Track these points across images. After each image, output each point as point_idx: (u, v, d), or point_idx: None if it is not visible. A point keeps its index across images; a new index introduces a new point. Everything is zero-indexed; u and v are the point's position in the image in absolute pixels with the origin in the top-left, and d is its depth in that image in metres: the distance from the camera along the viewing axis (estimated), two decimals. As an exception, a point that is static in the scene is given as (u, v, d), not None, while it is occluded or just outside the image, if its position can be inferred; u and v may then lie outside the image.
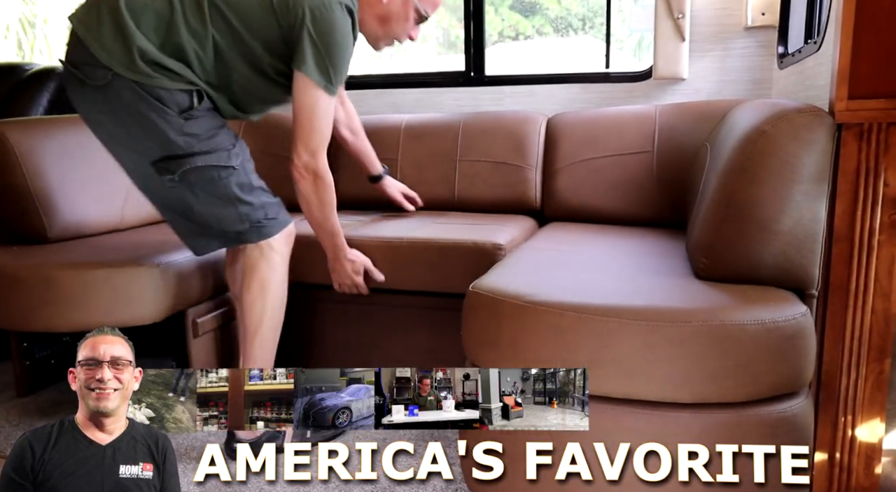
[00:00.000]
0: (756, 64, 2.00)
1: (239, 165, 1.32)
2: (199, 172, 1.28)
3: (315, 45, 1.28)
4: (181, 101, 1.26)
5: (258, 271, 1.36)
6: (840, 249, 1.11)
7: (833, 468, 1.14)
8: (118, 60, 1.24)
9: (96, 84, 1.26)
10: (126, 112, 1.26)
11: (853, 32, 1.07)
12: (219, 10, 1.27)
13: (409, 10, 1.42)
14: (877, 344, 1.11)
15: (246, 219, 1.33)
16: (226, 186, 1.30)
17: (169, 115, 1.25)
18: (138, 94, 1.24)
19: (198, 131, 1.27)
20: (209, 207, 1.31)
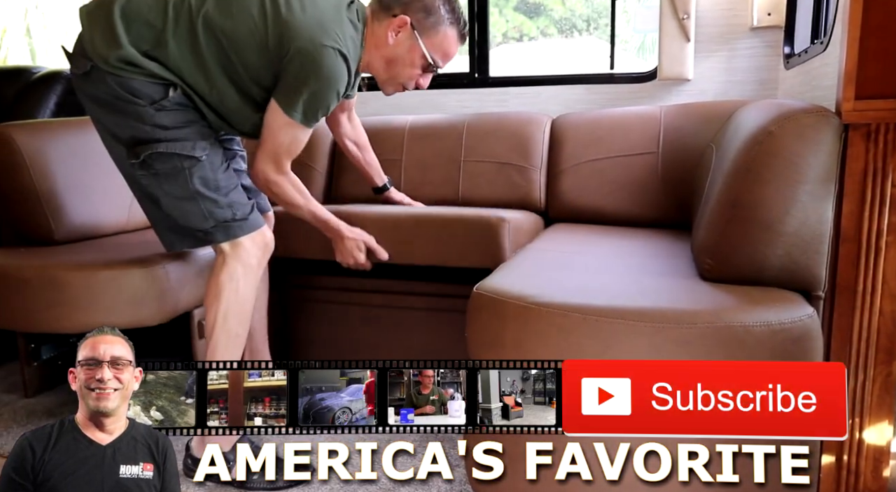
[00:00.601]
0: (762, 64, 1.99)
1: (205, 158, 1.31)
2: (161, 159, 1.28)
3: (293, 80, 1.28)
4: (154, 92, 1.28)
5: (215, 277, 1.34)
6: (847, 250, 1.10)
7: (841, 471, 1.13)
8: (98, 54, 1.27)
9: (78, 72, 1.30)
10: (102, 99, 1.29)
11: (860, 32, 1.06)
12: (214, 35, 1.28)
13: (415, 57, 1.38)
14: (884, 346, 1.11)
15: (210, 217, 1.31)
16: (187, 179, 1.29)
17: (140, 104, 1.27)
18: (111, 87, 1.27)
19: (166, 123, 1.28)
20: (173, 201, 1.31)
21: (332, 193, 2.17)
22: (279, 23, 1.26)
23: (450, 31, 1.39)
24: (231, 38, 1.27)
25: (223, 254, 1.34)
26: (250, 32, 1.27)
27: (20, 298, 1.47)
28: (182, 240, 1.37)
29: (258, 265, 1.37)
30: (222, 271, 1.33)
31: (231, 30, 1.27)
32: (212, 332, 1.33)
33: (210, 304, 1.34)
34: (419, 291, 1.69)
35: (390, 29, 1.36)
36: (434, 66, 1.41)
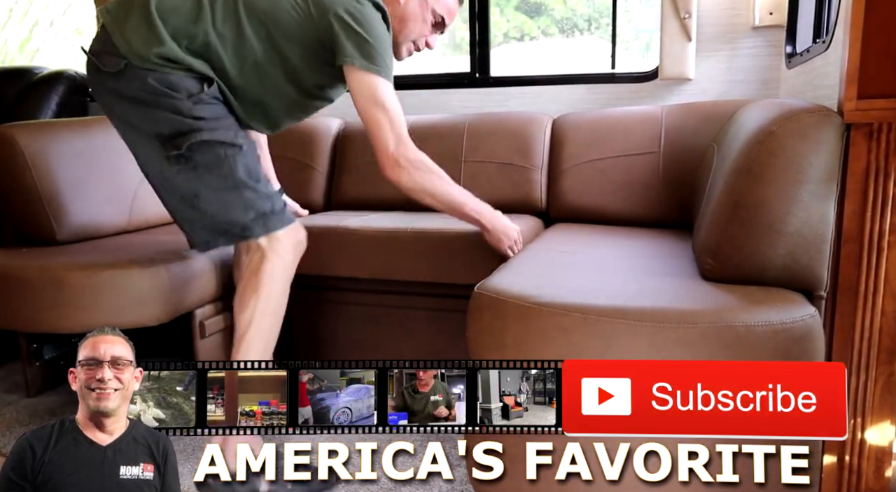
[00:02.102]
0: (764, 64, 1.99)
1: (246, 146, 1.30)
2: (205, 148, 1.26)
3: (356, 35, 1.27)
4: (191, 86, 1.27)
5: (254, 273, 1.31)
6: (849, 250, 1.10)
7: (842, 471, 1.13)
8: (134, 53, 1.26)
9: (109, 71, 1.28)
10: (136, 96, 1.28)
11: (862, 31, 1.06)
12: (258, 18, 1.28)
13: (425, 12, 1.41)
14: (887, 346, 1.10)
15: (251, 207, 1.29)
16: (231, 167, 1.27)
17: (178, 98, 1.26)
18: (148, 83, 1.26)
19: (205, 115, 1.28)
20: (214, 192, 1.28)
21: (333, 194, 2.17)
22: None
23: None
24: (273, 18, 1.28)
25: (261, 250, 1.30)
26: (291, 7, 1.28)
27: (22, 298, 1.48)
28: (218, 237, 1.33)
29: (293, 262, 1.35)
30: (262, 268, 1.30)
31: (271, 10, 1.28)
32: (245, 331, 1.30)
33: (246, 302, 1.30)
34: (420, 291, 1.69)
35: None
36: (443, 23, 1.45)
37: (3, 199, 1.74)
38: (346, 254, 1.68)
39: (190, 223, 1.35)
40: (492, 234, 1.47)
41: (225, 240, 1.34)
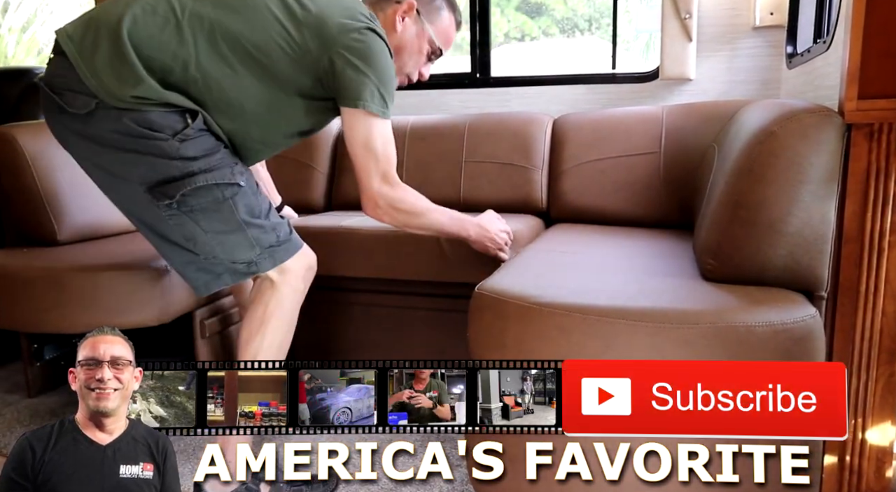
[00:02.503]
0: (764, 64, 1.99)
1: (245, 182, 1.19)
2: (201, 193, 1.14)
3: (361, 75, 1.17)
4: (174, 123, 1.13)
5: (262, 304, 1.22)
6: (850, 251, 1.10)
7: (843, 472, 1.13)
8: (107, 91, 1.11)
9: (76, 112, 1.13)
10: (112, 140, 1.13)
11: (863, 31, 1.06)
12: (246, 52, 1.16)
13: (423, 43, 1.34)
14: (887, 346, 1.10)
15: (256, 244, 1.19)
16: (232, 208, 1.16)
17: (161, 138, 1.12)
18: (124, 123, 1.12)
19: (194, 153, 1.14)
20: (215, 235, 1.17)
21: (334, 195, 2.17)
22: (300, 19, 1.17)
23: (450, 16, 1.38)
24: (265, 53, 1.16)
25: (269, 280, 1.22)
26: (284, 41, 1.17)
27: (23, 298, 1.48)
28: (219, 277, 1.21)
29: (304, 290, 1.27)
30: (272, 299, 1.22)
31: (262, 44, 1.16)
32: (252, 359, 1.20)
33: (252, 335, 1.22)
34: (420, 291, 1.69)
35: (398, 14, 1.30)
36: (438, 53, 1.38)
37: (5, 199, 1.75)
38: (346, 254, 1.68)
39: (184, 266, 1.22)
40: (475, 243, 1.44)
41: (229, 278, 1.22)
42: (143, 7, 1.15)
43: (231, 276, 1.22)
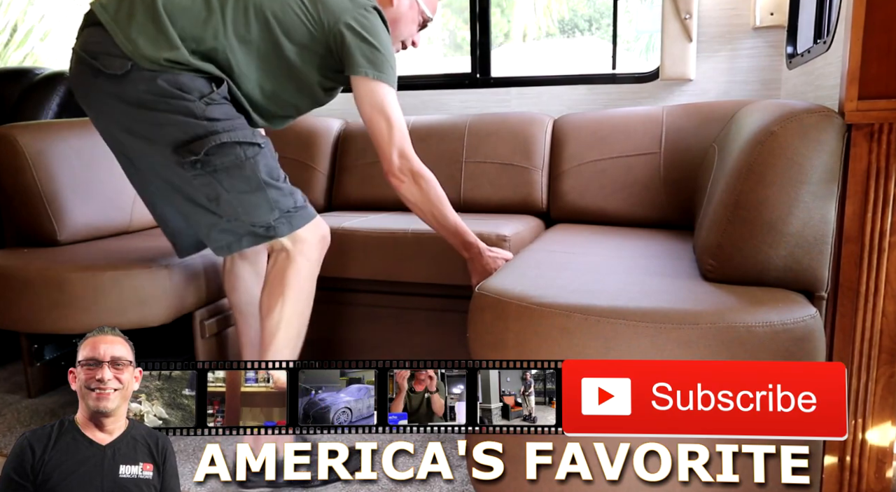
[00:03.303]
0: (765, 64, 1.99)
1: (265, 144, 1.27)
2: (225, 150, 1.22)
3: (367, 44, 1.28)
4: (202, 86, 1.23)
5: (279, 275, 1.27)
6: (850, 251, 1.09)
7: (843, 472, 1.13)
8: (142, 55, 1.21)
9: (113, 73, 1.22)
10: (143, 99, 1.22)
11: (863, 32, 1.06)
12: (265, 19, 1.27)
13: (415, 13, 1.44)
14: (887, 347, 1.10)
15: (276, 207, 1.25)
16: (253, 167, 1.24)
17: (189, 99, 1.22)
18: (157, 84, 1.21)
19: (219, 115, 1.24)
20: (237, 196, 1.24)
21: (334, 195, 2.17)
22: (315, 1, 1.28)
23: None
24: (283, 23, 1.27)
25: (285, 251, 1.27)
26: (301, 12, 1.27)
27: (24, 298, 1.48)
28: (240, 239, 1.28)
29: (319, 260, 1.32)
30: (288, 268, 1.27)
31: (281, 14, 1.27)
32: (273, 337, 1.27)
33: (272, 305, 1.27)
34: (421, 291, 1.69)
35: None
36: (428, 20, 1.48)
37: (5, 199, 1.75)
38: (347, 255, 1.68)
39: (208, 228, 1.29)
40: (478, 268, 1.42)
41: (249, 241, 1.28)
42: None
43: (251, 238, 1.28)
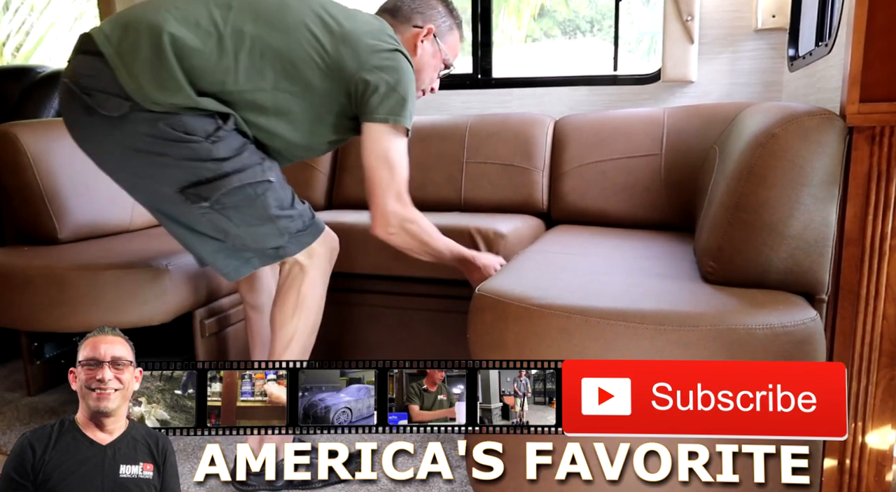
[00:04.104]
0: (766, 66, 1.99)
1: (275, 177, 1.22)
2: (235, 193, 1.17)
3: (391, 91, 1.21)
4: (207, 126, 1.15)
5: (294, 289, 1.26)
6: (851, 254, 1.09)
7: (843, 475, 1.12)
8: (144, 95, 1.12)
9: (108, 114, 1.12)
10: (145, 144, 1.14)
11: (865, 34, 1.06)
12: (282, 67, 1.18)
13: (438, 62, 1.40)
14: (888, 350, 1.10)
15: (285, 232, 1.23)
16: (264, 204, 1.19)
17: (195, 142, 1.14)
18: (159, 128, 1.13)
19: (226, 154, 1.17)
20: (246, 228, 1.20)
21: (335, 195, 2.17)
22: (337, 36, 1.21)
23: (457, 33, 1.44)
24: (299, 68, 1.19)
25: (299, 264, 1.25)
26: (315, 53, 1.19)
27: (24, 297, 1.48)
28: (248, 262, 1.25)
29: (329, 269, 1.31)
30: (303, 283, 1.25)
31: (299, 59, 1.19)
32: (286, 347, 1.26)
33: (287, 317, 1.26)
34: (421, 292, 1.69)
35: (418, 39, 1.36)
36: (450, 66, 1.44)
37: (6, 197, 1.75)
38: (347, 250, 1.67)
39: (213, 255, 1.26)
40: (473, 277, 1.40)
41: (257, 262, 1.26)
42: (186, 17, 1.15)
43: (261, 259, 1.26)
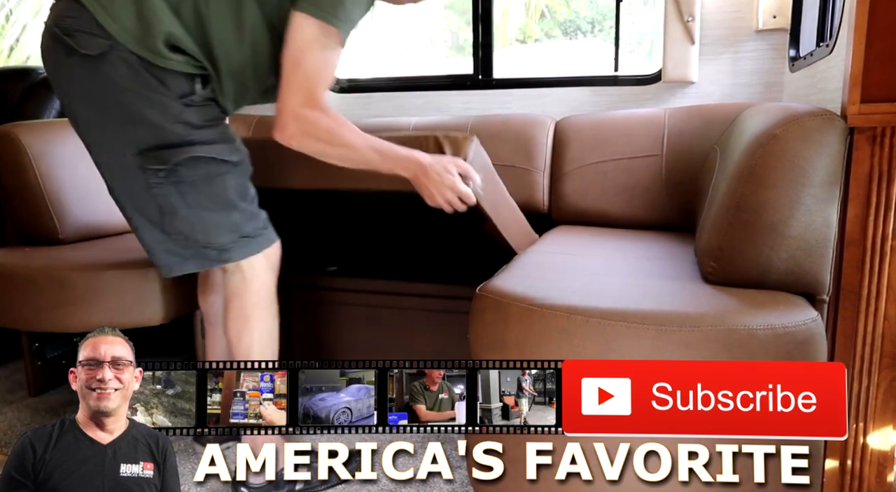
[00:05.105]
0: (767, 67, 1.99)
1: (240, 162, 1.16)
2: (195, 164, 1.11)
3: None
4: (182, 84, 1.11)
5: (239, 301, 1.21)
6: (852, 254, 1.09)
7: (844, 476, 1.12)
8: (130, 33, 1.07)
9: (88, 53, 1.08)
10: (118, 90, 1.09)
11: (866, 35, 1.06)
12: None
13: None
14: (889, 350, 1.10)
15: (235, 229, 1.16)
16: (222, 185, 1.13)
17: (167, 97, 1.09)
18: (136, 71, 1.08)
19: (196, 120, 1.11)
20: (197, 212, 1.13)
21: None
22: None
23: None
24: None
25: (240, 272, 1.20)
26: None
27: (25, 297, 1.48)
28: (185, 261, 1.19)
29: (275, 278, 1.25)
30: (247, 293, 1.20)
31: None
32: (249, 357, 1.20)
33: (239, 333, 1.21)
34: (421, 292, 1.69)
35: None
36: None
37: (7, 198, 1.75)
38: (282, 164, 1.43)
39: (153, 245, 1.19)
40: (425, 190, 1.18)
41: (195, 264, 1.20)
42: None
43: (198, 261, 1.19)
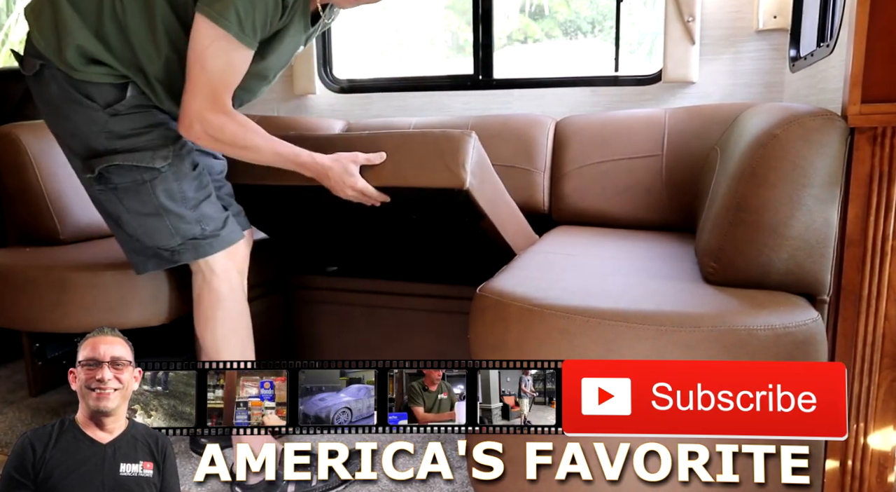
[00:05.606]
0: (767, 67, 1.99)
1: (166, 168, 1.19)
2: (119, 172, 1.17)
3: None
4: (108, 94, 1.16)
5: (199, 301, 1.25)
6: (852, 254, 1.09)
7: (845, 476, 1.12)
8: (52, 49, 1.15)
9: (26, 74, 1.19)
10: (55, 105, 1.18)
11: (867, 35, 1.06)
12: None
13: None
14: (890, 351, 1.10)
15: (176, 233, 1.21)
16: (150, 192, 1.18)
17: (94, 109, 1.16)
18: (62, 87, 1.16)
19: (121, 130, 1.17)
20: (136, 217, 1.21)
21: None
22: None
23: None
24: None
25: (202, 273, 1.24)
26: None
27: (25, 297, 1.48)
28: (147, 261, 1.26)
29: (240, 279, 1.28)
30: (207, 294, 1.24)
31: None
32: (218, 356, 1.25)
33: (204, 330, 1.26)
34: (421, 292, 1.69)
35: None
36: None
37: (8, 198, 1.75)
38: None
39: (122, 244, 1.29)
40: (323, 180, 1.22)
41: (156, 263, 1.26)
42: None
43: (157, 261, 1.26)
